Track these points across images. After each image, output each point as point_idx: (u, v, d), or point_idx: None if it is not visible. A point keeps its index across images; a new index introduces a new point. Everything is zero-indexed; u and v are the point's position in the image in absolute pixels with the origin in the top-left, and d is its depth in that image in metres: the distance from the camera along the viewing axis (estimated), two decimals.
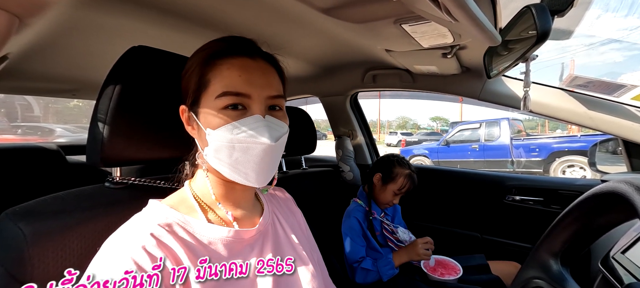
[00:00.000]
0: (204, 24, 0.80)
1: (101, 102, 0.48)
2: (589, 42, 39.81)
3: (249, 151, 0.41)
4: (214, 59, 0.43)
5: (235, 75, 0.42)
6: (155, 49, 0.54)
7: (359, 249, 1.03)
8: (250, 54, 0.44)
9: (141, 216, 0.41)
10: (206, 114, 0.42)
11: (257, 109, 0.42)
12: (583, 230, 0.38)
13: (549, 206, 1.17)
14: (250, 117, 0.42)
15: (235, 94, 0.41)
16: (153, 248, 0.36)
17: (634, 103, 0.85)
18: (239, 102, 0.42)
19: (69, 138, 6.06)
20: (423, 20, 0.63)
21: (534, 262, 0.46)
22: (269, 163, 0.43)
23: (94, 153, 0.48)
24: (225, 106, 0.41)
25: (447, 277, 0.96)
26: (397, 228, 1.14)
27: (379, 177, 1.12)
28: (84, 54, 0.98)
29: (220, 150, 0.42)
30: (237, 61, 0.43)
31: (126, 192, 0.53)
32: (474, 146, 6.42)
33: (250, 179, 0.43)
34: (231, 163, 0.42)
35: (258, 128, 0.41)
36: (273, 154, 0.43)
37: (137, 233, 0.38)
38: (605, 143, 1.13)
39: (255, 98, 0.42)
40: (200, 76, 0.43)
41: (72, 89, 1.43)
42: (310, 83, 1.46)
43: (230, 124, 0.41)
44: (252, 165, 0.42)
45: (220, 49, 0.44)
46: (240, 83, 0.42)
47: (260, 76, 0.43)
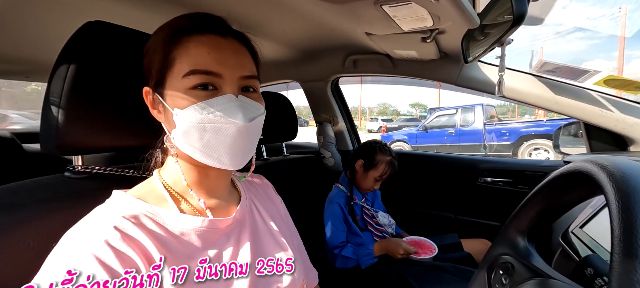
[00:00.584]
0: (170, 0, 0.74)
1: (54, 84, 0.43)
2: (557, 30, 42.01)
3: (221, 132, 0.39)
4: (180, 36, 0.40)
5: (204, 53, 0.39)
6: (115, 25, 0.49)
7: (340, 234, 1.05)
8: (220, 32, 0.41)
9: (103, 208, 0.38)
10: (173, 96, 0.39)
11: (229, 90, 0.40)
12: (549, 208, 0.41)
13: (517, 187, 1.24)
14: (222, 96, 0.39)
15: (204, 72, 0.38)
16: (117, 242, 0.34)
17: (596, 88, 0.91)
18: (208, 81, 0.39)
19: (26, 125, 5.57)
20: (403, 1, 0.62)
21: (502, 240, 0.48)
22: (243, 145, 0.41)
23: (48, 140, 0.43)
24: (193, 85, 0.38)
25: (423, 256, 1.01)
26: (377, 212, 1.17)
27: (361, 163, 1.14)
28: (36, 32, 0.88)
29: (190, 132, 0.39)
30: (206, 38, 0.40)
31: (89, 182, 0.49)
32: (450, 132, 6.69)
33: (224, 162, 0.40)
34: (202, 146, 0.39)
35: (231, 107, 0.39)
36: (248, 135, 0.40)
37: (99, 227, 0.35)
38: (568, 127, 1.21)
39: (227, 78, 0.40)
40: (164, 54, 0.40)
41: (24, 71, 1.30)
42: (290, 68, 1.42)
43: (199, 104, 0.38)
44: (225, 147, 0.39)
45: (187, 24, 0.40)
46: (209, 61, 0.39)
47: (232, 55, 0.41)
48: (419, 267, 1.01)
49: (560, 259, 0.66)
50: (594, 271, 0.45)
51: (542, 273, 0.39)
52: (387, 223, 1.15)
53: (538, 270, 0.40)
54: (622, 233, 0.20)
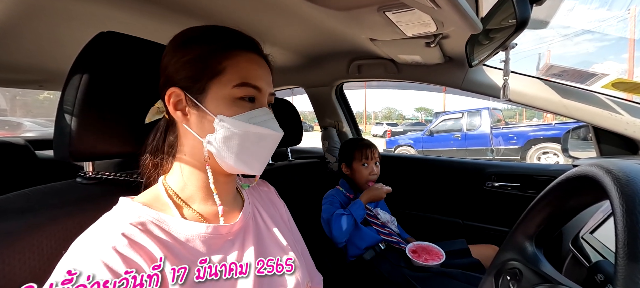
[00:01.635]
0: (181, 10, 0.76)
1: (67, 93, 0.44)
2: (564, 33, 41.52)
3: (262, 141, 0.44)
4: (230, 49, 0.43)
5: (253, 68, 0.44)
6: (127, 35, 0.50)
7: (332, 208, 1.08)
8: (258, 52, 0.46)
9: (111, 215, 0.39)
10: (217, 101, 0.42)
11: (264, 103, 0.45)
12: (556, 212, 0.40)
13: (525, 191, 1.22)
14: (260, 109, 0.44)
15: (253, 86, 0.43)
16: (125, 248, 0.34)
17: (604, 91, 0.90)
18: (253, 94, 0.44)
19: (38, 132, 5.72)
20: (406, 8, 0.62)
21: (510, 245, 0.48)
22: (270, 152, 0.47)
23: (61, 147, 0.45)
24: (241, 96, 0.42)
25: (431, 262, 1.00)
26: (376, 208, 1.17)
27: (344, 166, 1.20)
28: (50, 42, 0.91)
29: (231, 138, 0.42)
30: (252, 55, 0.45)
31: (99, 188, 0.50)
32: (457, 136, 6.63)
33: (254, 168, 0.45)
34: (241, 151, 0.43)
35: (269, 120, 0.45)
36: (276, 144, 0.47)
37: (107, 234, 0.35)
38: (577, 130, 1.19)
39: (264, 93, 0.45)
40: (211, 62, 0.42)
41: (38, 80, 1.34)
42: (296, 74, 1.43)
43: (245, 113, 0.42)
44: (261, 154, 0.45)
45: (234, 39, 0.44)
46: (256, 77, 0.44)
47: (266, 74, 0.46)
48: (427, 273, 1.00)
49: (571, 265, 0.65)
50: (605, 277, 0.44)
51: (551, 279, 0.39)
52: (389, 219, 1.17)
53: (546, 275, 0.39)
54: (627, 237, 0.20)
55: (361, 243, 1.07)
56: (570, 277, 0.39)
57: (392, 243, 1.09)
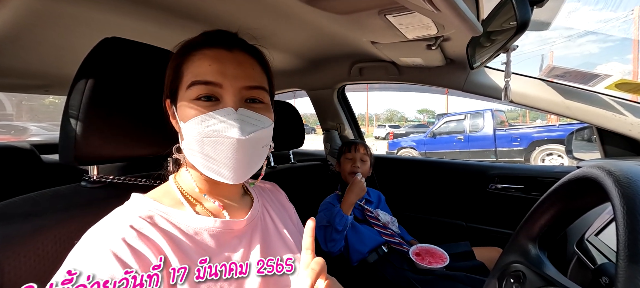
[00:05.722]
0: (184, 15, 0.77)
1: (72, 98, 0.45)
2: (567, 34, 41.25)
3: (218, 146, 0.39)
4: (189, 51, 0.42)
5: (205, 64, 0.40)
6: (130, 41, 0.51)
7: (323, 217, 1.07)
8: (226, 46, 0.42)
9: (122, 209, 0.40)
10: (182, 107, 0.41)
11: (229, 101, 0.40)
12: (559, 214, 0.40)
13: (529, 193, 1.21)
14: (221, 110, 0.40)
15: (204, 83, 0.40)
16: (134, 240, 0.35)
17: (607, 92, 0.89)
18: (209, 92, 0.40)
19: (44, 137, 5.79)
20: (407, 11, 0.63)
21: (513, 247, 0.47)
22: (243, 158, 0.40)
23: (67, 151, 0.45)
24: (196, 96, 0.40)
25: (435, 265, 0.99)
26: (376, 210, 1.17)
27: (336, 163, 1.26)
28: (56, 48, 0.92)
29: (192, 144, 0.41)
30: (210, 51, 0.42)
31: (104, 191, 0.51)
32: (459, 137, 6.59)
33: (224, 176, 0.41)
34: (203, 159, 0.41)
35: (227, 121, 0.39)
36: (247, 149, 0.40)
37: (117, 226, 0.36)
38: (581, 131, 1.18)
39: (228, 88, 0.40)
40: (174, 68, 0.43)
41: (43, 85, 1.36)
42: (297, 77, 1.44)
43: (199, 117, 0.39)
44: (224, 161, 0.40)
45: (197, 41, 0.43)
46: (209, 72, 0.40)
47: (235, 66, 0.41)
48: (431, 276, 0.99)
49: (576, 268, 0.64)
50: (610, 280, 0.44)
51: (554, 282, 0.38)
52: (389, 220, 1.16)
53: (550, 278, 0.39)
54: (628, 238, 0.20)
55: (363, 247, 1.06)
56: (575, 280, 0.39)
57: (393, 244, 1.09)
